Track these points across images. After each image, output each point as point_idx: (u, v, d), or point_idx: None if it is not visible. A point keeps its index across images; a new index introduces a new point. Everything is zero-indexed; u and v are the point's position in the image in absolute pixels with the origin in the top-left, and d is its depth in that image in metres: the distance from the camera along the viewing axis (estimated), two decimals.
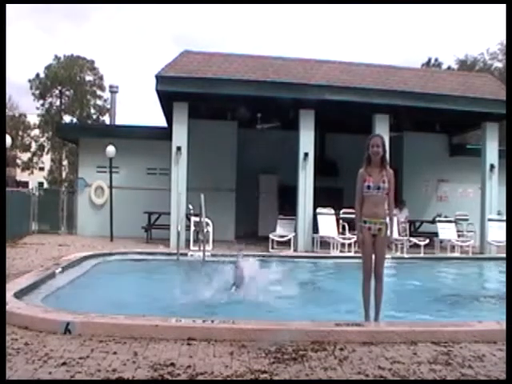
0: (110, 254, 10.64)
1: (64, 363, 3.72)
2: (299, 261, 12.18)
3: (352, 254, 12.35)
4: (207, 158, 15.30)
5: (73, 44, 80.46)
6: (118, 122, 26.48)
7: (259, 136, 17.39)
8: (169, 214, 13.46)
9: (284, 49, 70.42)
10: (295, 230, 13.75)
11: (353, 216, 6.08)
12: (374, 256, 5.57)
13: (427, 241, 13.64)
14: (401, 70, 16.10)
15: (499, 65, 37.27)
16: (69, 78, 49.51)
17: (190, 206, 12.01)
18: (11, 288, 5.84)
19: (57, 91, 50.74)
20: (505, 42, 29.82)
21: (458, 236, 14.52)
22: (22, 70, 74.21)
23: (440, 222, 14.76)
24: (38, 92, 50.02)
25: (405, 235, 14.23)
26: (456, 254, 13.72)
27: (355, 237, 10.27)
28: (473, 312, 6.71)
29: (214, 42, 67.68)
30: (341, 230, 13.64)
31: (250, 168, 16.40)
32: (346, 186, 14.06)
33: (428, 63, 42.02)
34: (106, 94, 47.53)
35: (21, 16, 67.55)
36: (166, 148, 13.85)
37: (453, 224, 14.73)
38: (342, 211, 13.55)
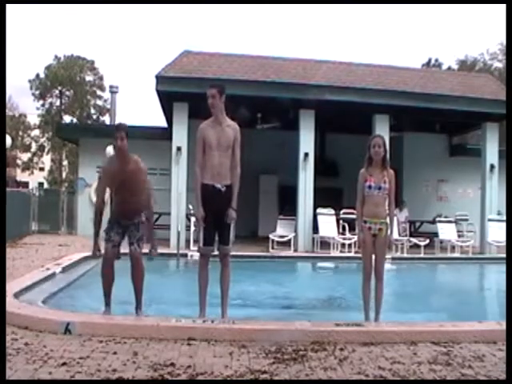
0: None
1: (64, 363, 3.72)
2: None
3: (352, 254, 12.36)
4: None
5: (73, 44, 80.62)
6: (118, 122, 26.46)
7: (259, 136, 17.39)
8: (169, 214, 13.46)
9: (284, 49, 70.39)
10: (295, 231, 13.75)
11: (353, 216, 6.10)
12: (374, 256, 5.57)
13: (427, 241, 13.63)
14: (401, 70, 16.10)
15: (499, 65, 37.27)
16: (69, 78, 49.54)
17: (190, 206, 12.01)
18: (11, 288, 5.84)
19: (57, 91, 50.77)
20: (505, 42, 29.80)
21: (458, 236, 14.51)
22: (22, 70, 74.21)
23: (440, 222, 14.75)
24: (38, 92, 50.06)
25: (405, 235, 14.23)
26: (456, 255, 13.72)
27: (355, 237, 10.31)
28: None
29: (214, 42, 67.73)
30: (341, 230, 13.64)
31: (250, 168, 16.33)
32: (346, 186, 14.09)
33: (428, 63, 42.03)
34: (106, 94, 47.58)
35: (21, 16, 67.60)
36: (166, 148, 13.86)
37: (453, 224, 14.71)
38: (342, 211, 13.56)
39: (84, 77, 51.60)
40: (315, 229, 13.69)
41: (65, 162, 51.49)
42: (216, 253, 5.34)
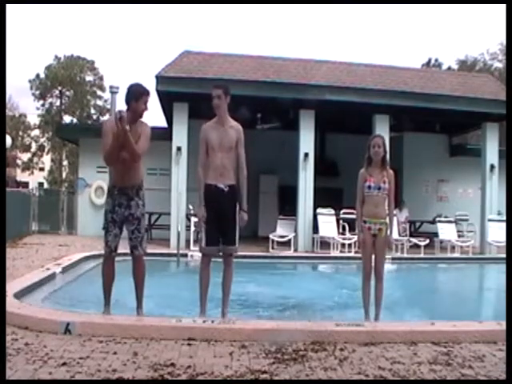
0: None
1: (64, 363, 3.72)
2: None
3: (352, 254, 12.36)
4: None
5: (73, 44, 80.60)
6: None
7: (259, 136, 17.40)
8: (169, 214, 13.46)
9: (284, 49, 70.40)
10: (295, 231, 13.74)
11: (353, 216, 6.09)
12: (374, 256, 5.57)
13: (427, 241, 13.63)
14: (401, 70, 16.09)
15: (499, 65, 37.28)
16: (69, 79, 49.59)
17: (190, 206, 12.00)
18: (11, 288, 5.83)
19: (57, 91, 50.81)
20: (505, 42, 29.80)
21: (458, 236, 14.50)
22: (22, 70, 74.27)
23: (440, 222, 14.74)
24: (38, 92, 50.10)
25: (405, 235, 14.23)
26: (456, 255, 13.72)
27: (355, 237, 10.31)
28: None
29: (214, 42, 67.72)
30: (341, 230, 13.64)
31: (250, 168, 16.32)
32: (346, 186, 14.06)
33: (428, 63, 42.05)
34: (106, 95, 47.63)
35: (21, 16, 67.59)
36: (166, 148, 13.85)
37: (453, 224, 14.71)
38: (342, 211, 13.56)
39: (84, 77, 51.63)
40: (315, 229, 13.69)
41: (65, 162, 51.50)
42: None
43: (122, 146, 5.04)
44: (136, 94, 5.14)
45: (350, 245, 12.93)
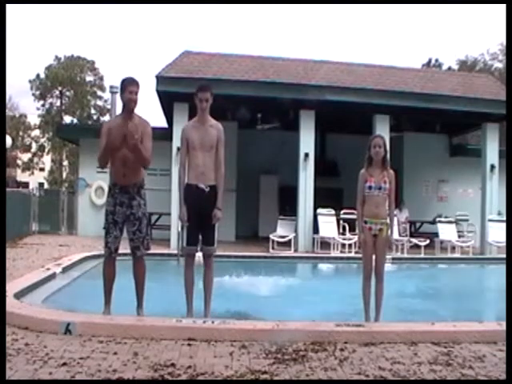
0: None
1: (64, 363, 3.72)
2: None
3: (352, 254, 12.36)
4: None
5: (73, 44, 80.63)
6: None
7: (259, 136, 17.39)
8: (169, 214, 13.46)
9: (284, 49, 70.41)
10: (295, 231, 13.74)
11: (353, 216, 6.09)
12: (374, 256, 5.57)
13: (427, 241, 13.63)
14: (401, 70, 16.09)
15: (499, 65, 37.28)
16: (69, 79, 49.62)
17: None
18: (11, 288, 5.84)
19: (57, 92, 50.84)
20: (505, 43, 29.78)
21: (459, 236, 14.50)
22: (23, 70, 74.29)
23: (440, 222, 14.74)
24: (38, 92, 50.14)
25: (405, 236, 14.22)
26: (456, 255, 13.71)
27: (355, 237, 10.31)
28: None
29: (214, 43, 67.72)
30: (341, 230, 13.64)
31: (250, 168, 16.36)
32: (347, 187, 14.04)
33: (428, 64, 42.04)
34: (107, 95, 47.61)
35: (21, 16, 67.61)
36: (166, 148, 13.85)
37: (453, 224, 14.70)
38: (342, 212, 13.56)
39: (84, 77, 51.67)
40: (315, 229, 13.68)
41: (65, 163, 51.52)
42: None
43: (121, 146, 5.04)
44: (121, 87, 5.20)
45: (350, 245, 12.92)
